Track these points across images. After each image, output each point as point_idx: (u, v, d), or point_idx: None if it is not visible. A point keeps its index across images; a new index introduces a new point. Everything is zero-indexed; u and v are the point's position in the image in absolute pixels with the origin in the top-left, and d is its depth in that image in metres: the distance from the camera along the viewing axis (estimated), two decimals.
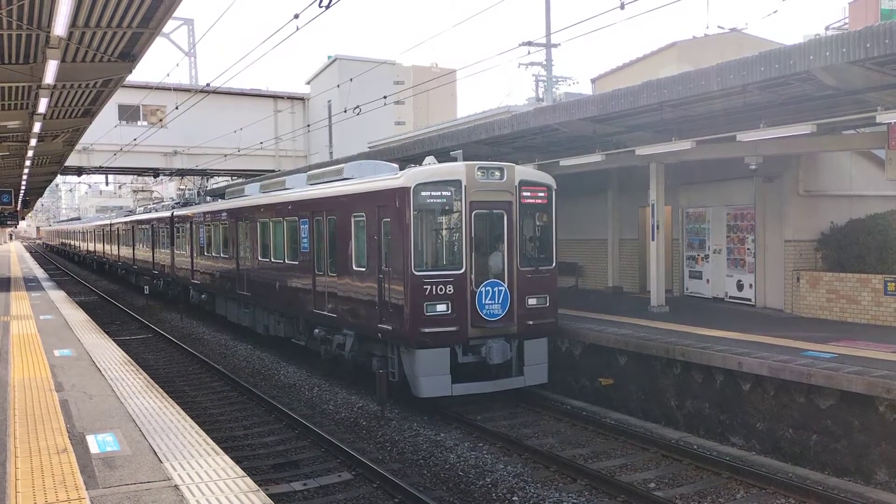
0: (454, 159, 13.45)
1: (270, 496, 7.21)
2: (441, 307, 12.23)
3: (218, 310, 23.46)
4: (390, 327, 12.62)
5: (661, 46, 39.07)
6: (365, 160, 17.12)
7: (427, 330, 12.12)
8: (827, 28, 34.96)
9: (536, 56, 32.89)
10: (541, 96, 34.80)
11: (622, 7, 12.23)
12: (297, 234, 16.46)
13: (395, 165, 15.57)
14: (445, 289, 12.25)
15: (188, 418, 8.49)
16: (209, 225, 23.69)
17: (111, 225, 44.16)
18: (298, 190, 17.18)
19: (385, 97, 25.39)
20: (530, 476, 9.81)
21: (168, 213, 29.28)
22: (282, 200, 17.61)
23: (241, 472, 6.54)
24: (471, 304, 12.39)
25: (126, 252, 38.74)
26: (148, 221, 33.08)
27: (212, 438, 7.78)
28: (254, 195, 20.57)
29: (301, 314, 16.64)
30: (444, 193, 12.45)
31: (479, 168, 12.62)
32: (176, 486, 6.11)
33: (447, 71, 54.96)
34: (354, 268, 13.81)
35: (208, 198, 29.56)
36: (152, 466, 6.63)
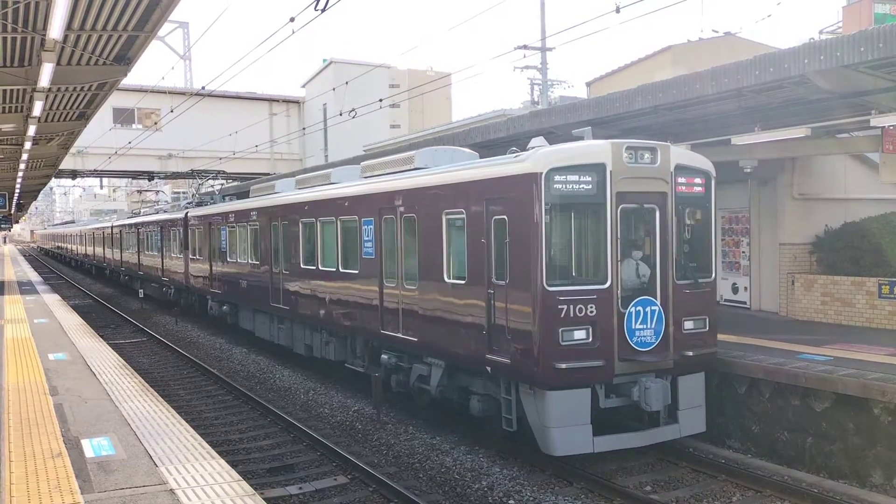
0: (577, 139, 10.69)
1: (266, 500, 7.19)
2: (580, 334, 9.46)
3: (243, 323, 20.56)
4: (507, 360, 9.82)
5: (656, 50, 39.14)
6: (439, 146, 14.16)
7: (564, 365, 9.28)
8: (821, 32, 35.13)
9: (532, 59, 32.95)
10: (536, 100, 34.85)
11: (618, 10, 12.26)
12: (356, 237, 13.59)
13: (474, 153, 13.37)
14: (586, 309, 9.47)
15: (183, 422, 8.48)
16: (233, 226, 20.62)
17: (113, 227, 41.07)
18: (355, 184, 14.25)
19: (381, 100, 25.38)
20: (526, 479, 9.80)
21: (181, 214, 26.25)
22: (334, 196, 14.68)
23: (237, 476, 6.53)
24: (618, 329, 9.65)
25: (130, 257, 35.80)
26: (156, 223, 30.01)
27: (207, 442, 7.77)
28: (290, 192, 17.58)
29: (361, 334, 13.92)
30: (584, 182, 9.60)
31: (628, 148, 9.85)
32: (171, 490, 6.10)
33: (443, 74, 55.04)
34: (447, 280, 11.07)
35: (226, 197, 26.69)
36: (147, 470, 6.62)
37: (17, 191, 35.62)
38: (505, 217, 9.93)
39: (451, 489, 9.60)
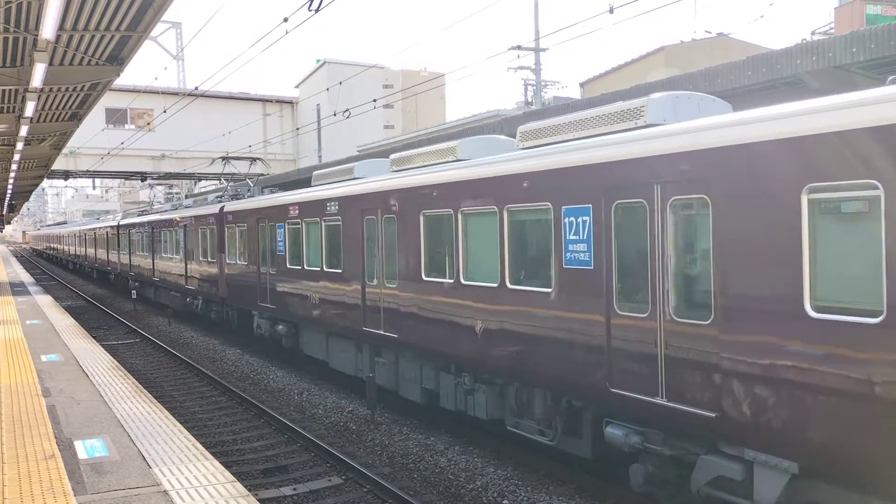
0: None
1: (260, 501, 7.19)
2: None
3: (308, 350, 16.12)
4: None
5: (650, 51, 39.34)
6: (677, 92, 8.79)
7: None
8: (813, 33, 35.29)
9: (525, 60, 33.03)
10: (530, 100, 34.93)
11: (611, 11, 12.30)
12: (549, 236, 8.86)
13: (727, 103, 8.81)
14: None
15: (177, 423, 8.47)
16: (296, 223, 15.82)
17: (119, 226, 35.73)
18: (530, 156, 9.34)
19: (374, 101, 25.41)
20: (520, 479, 9.81)
21: (214, 210, 21.46)
22: (493, 175, 9.78)
23: (231, 477, 6.52)
24: None
25: (142, 260, 30.87)
26: (178, 221, 25.24)
27: (201, 443, 7.76)
28: (387, 175, 12.80)
29: (549, 387, 9.18)
30: None
31: None
32: (165, 492, 6.08)
33: (436, 75, 55.05)
34: (813, 312, 6.14)
35: (265, 189, 22.31)
36: (141, 472, 6.60)
37: (9, 192, 35.55)
38: None
39: (446, 489, 9.60)
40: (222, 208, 20.85)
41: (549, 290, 8.90)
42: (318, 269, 14.72)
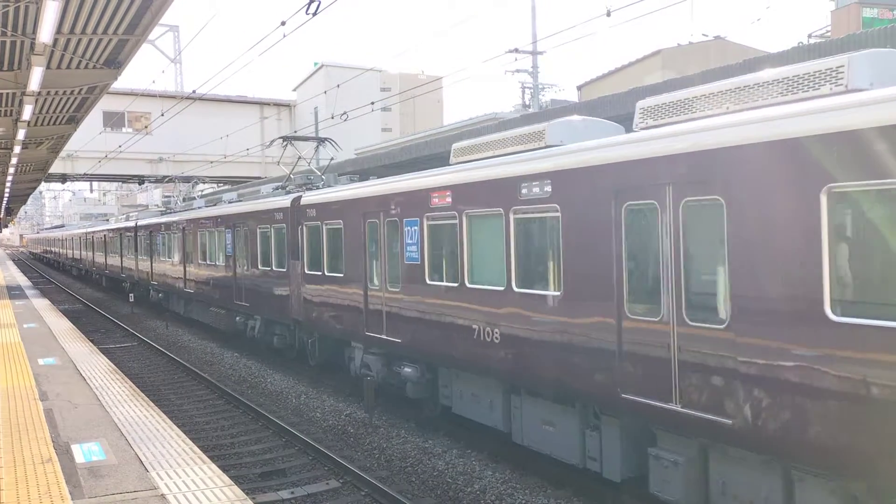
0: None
1: None
2: None
3: (458, 406, 11.16)
4: None
5: (646, 54, 39.43)
6: None
7: None
8: (810, 35, 35.37)
9: (523, 63, 33.13)
10: (527, 103, 34.98)
11: (608, 14, 12.33)
12: None
13: None
14: None
15: (174, 427, 8.46)
16: (451, 217, 10.56)
17: (138, 227, 30.85)
18: None
19: (372, 104, 25.43)
20: (518, 482, 9.80)
21: (285, 203, 16.48)
22: None
23: (228, 481, 6.52)
24: None
25: (169, 269, 25.99)
26: (224, 220, 20.35)
27: (198, 447, 7.75)
28: (643, 136, 7.60)
29: None
30: None
31: None
32: (163, 496, 6.08)
33: (434, 78, 55.13)
34: None
35: (340, 177, 18.11)
36: (138, 475, 6.60)
37: (6, 195, 35.54)
38: None
39: (444, 493, 9.60)
40: (297, 201, 15.89)
41: None
42: (501, 288, 9.59)
